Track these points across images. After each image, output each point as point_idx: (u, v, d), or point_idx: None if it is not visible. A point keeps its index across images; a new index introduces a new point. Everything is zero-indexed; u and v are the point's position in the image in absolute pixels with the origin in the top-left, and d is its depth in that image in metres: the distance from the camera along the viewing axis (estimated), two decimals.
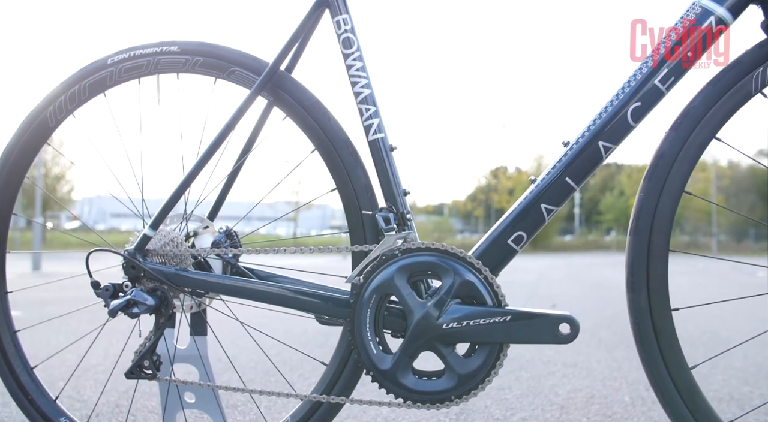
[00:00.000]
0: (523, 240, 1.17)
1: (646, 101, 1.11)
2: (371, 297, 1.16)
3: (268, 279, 1.32)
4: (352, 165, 1.24)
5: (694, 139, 1.10)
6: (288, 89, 1.28)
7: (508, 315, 1.11)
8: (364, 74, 1.24)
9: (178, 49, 1.31)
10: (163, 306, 1.24)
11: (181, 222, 1.33)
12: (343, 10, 1.26)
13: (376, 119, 1.23)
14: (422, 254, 1.15)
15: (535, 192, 1.16)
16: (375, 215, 1.20)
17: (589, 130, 1.14)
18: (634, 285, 1.12)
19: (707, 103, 1.10)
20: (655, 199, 1.11)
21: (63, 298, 5.31)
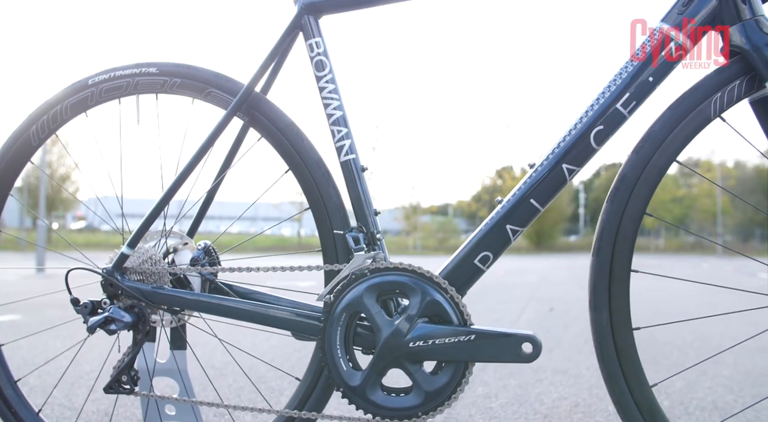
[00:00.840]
0: (489, 260, 1.20)
1: (609, 125, 1.14)
2: (341, 315, 1.19)
3: (246, 296, 1.35)
4: (325, 185, 1.27)
5: (654, 162, 1.13)
6: (262, 110, 1.31)
7: (473, 335, 1.14)
8: (336, 96, 1.27)
9: (156, 70, 1.35)
10: (141, 323, 1.27)
11: (160, 240, 1.36)
12: (316, 33, 1.29)
13: (347, 140, 1.26)
14: (390, 274, 1.18)
15: (500, 213, 1.19)
16: (345, 235, 1.23)
17: (553, 152, 1.16)
18: (596, 305, 1.15)
19: (667, 127, 1.12)
20: (617, 221, 1.14)
21: (65, 301, 5.34)
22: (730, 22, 1.10)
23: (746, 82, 1.10)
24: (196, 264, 1.36)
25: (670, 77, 1.14)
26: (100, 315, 1.25)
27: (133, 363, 1.29)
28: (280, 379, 2.54)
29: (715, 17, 1.11)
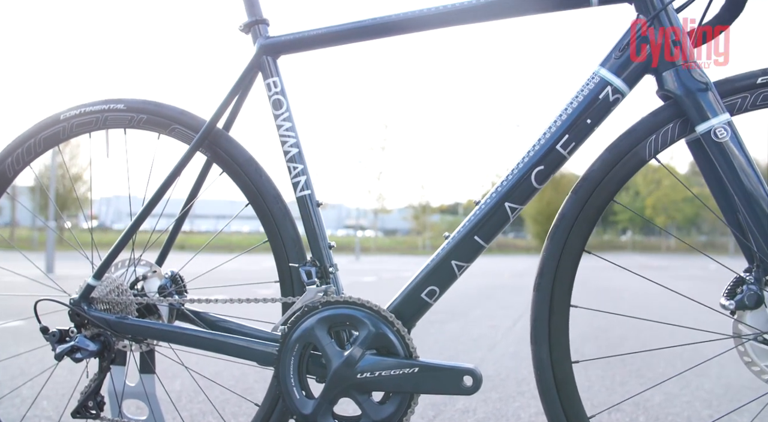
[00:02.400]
0: (436, 294, 1.24)
1: (549, 165, 1.18)
2: (294, 345, 1.24)
3: (211, 323, 1.40)
4: (281, 219, 1.32)
5: (592, 201, 1.17)
6: (223, 146, 1.36)
7: (416, 367, 1.19)
8: (293, 134, 1.32)
9: (124, 106, 1.40)
10: (106, 351, 1.33)
11: (127, 269, 1.41)
12: (274, 73, 1.34)
13: (303, 176, 1.31)
14: (340, 307, 1.23)
15: (446, 248, 1.23)
16: (299, 268, 1.28)
17: (496, 191, 1.21)
18: (536, 339, 1.19)
19: (604, 168, 1.16)
20: (557, 258, 1.18)
21: None
22: (663, 68, 1.14)
23: (679, 125, 1.14)
24: (164, 292, 1.42)
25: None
26: (67, 344, 1.31)
27: (99, 389, 1.35)
28: (246, 404, 2.56)
29: (649, 63, 1.15)
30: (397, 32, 1.27)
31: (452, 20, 1.24)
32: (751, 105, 1.12)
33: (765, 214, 1.08)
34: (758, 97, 1.12)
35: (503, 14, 1.23)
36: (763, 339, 1.14)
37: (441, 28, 1.26)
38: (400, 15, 1.26)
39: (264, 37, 1.35)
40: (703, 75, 1.12)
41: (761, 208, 1.08)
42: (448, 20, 1.25)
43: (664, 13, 1.14)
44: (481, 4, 1.22)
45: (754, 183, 1.08)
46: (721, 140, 1.09)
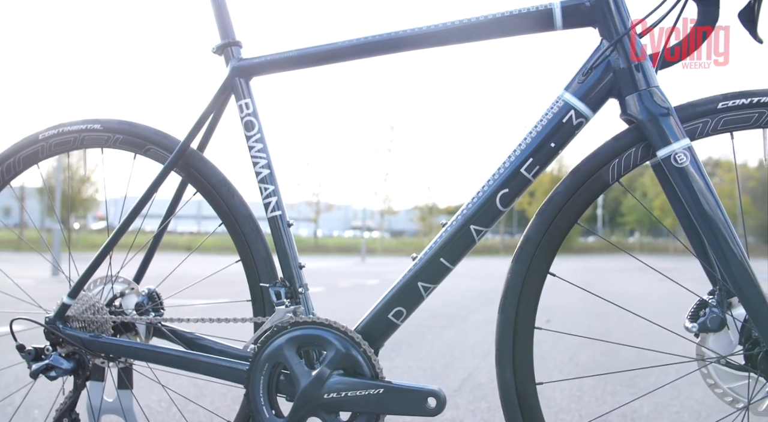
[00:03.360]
0: (403, 315, 1.25)
1: (514, 188, 1.19)
2: (264, 365, 1.26)
3: (189, 340, 1.42)
4: (253, 239, 1.34)
5: (557, 224, 1.18)
6: (197, 167, 1.38)
7: (382, 388, 1.20)
8: (264, 155, 1.33)
9: (100, 126, 1.42)
10: (81, 369, 1.35)
11: (104, 287, 1.44)
12: (246, 94, 1.35)
13: (274, 197, 1.33)
14: (308, 327, 1.25)
15: (413, 270, 1.24)
16: (269, 289, 1.30)
17: (462, 214, 1.22)
18: (501, 361, 1.20)
19: (568, 191, 1.17)
20: (521, 281, 1.19)
21: None
22: (626, 92, 1.14)
23: (642, 149, 1.15)
24: (141, 309, 1.44)
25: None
26: (42, 362, 1.33)
27: (74, 406, 1.37)
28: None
29: (613, 87, 1.16)
30: (366, 55, 1.29)
31: (422, 43, 1.26)
32: (712, 130, 1.13)
33: (724, 238, 1.08)
34: (719, 122, 1.13)
35: (471, 38, 1.24)
36: (726, 361, 1.14)
37: (410, 51, 1.28)
38: (368, 38, 1.27)
39: (236, 59, 1.36)
40: (665, 100, 1.13)
41: (720, 232, 1.09)
42: (418, 43, 1.26)
43: (626, 38, 1.15)
44: (448, 29, 1.23)
45: (713, 207, 1.09)
46: (681, 165, 1.09)
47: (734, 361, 1.14)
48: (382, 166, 38.49)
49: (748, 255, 1.09)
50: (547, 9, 1.18)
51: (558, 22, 1.19)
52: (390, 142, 37.38)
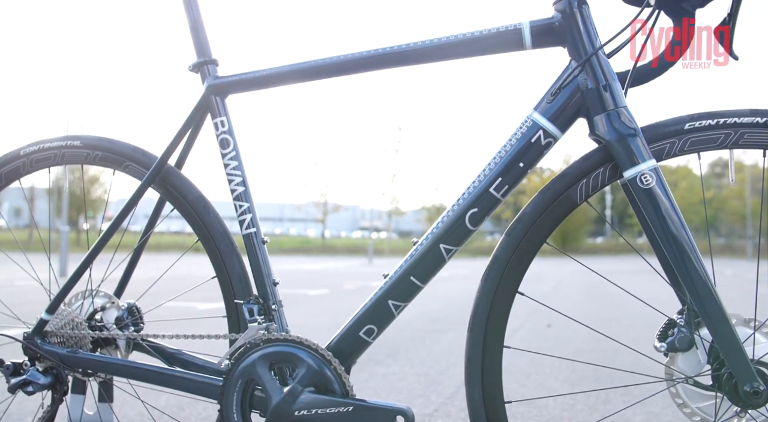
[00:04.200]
0: (374, 332, 1.26)
1: (483, 207, 1.20)
2: (237, 381, 1.27)
3: (169, 355, 1.43)
4: (228, 255, 1.35)
5: (525, 243, 1.18)
6: (174, 183, 1.39)
7: (351, 406, 1.21)
8: (239, 172, 1.35)
9: (80, 143, 1.44)
10: (59, 384, 1.37)
11: (83, 301, 1.45)
12: (222, 112, 1.37)
13: (248, 214, 1.34)
14: (280, 345, 1.26)
15: (384, 288, 1.25)
16: (242, 305, 1.31)
17: (432, 232, 1.23)
18: (470, 379, 1.21)
19: (537, 210, 1.18)
20: (490, 300, 1.19)
21: None
22: (594, 112, 1.15)
23: (609, 169, 1.15)
24: (121, 324, 1.45)
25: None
26: (20, 377, 1.35)
27: (52, 420, 1.39)
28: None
29: (581, 107, 1.16)
30: (336, 74, 1.30)
31: (393, 62, 1.27)
32: (679, 150, 1.13)
33: (689, 259, 1.09)
34: (686, 143, 1.13)
35: (442, 57, 1.24)
36: (694, 381, 1.15)
37: (383, 70, 1.28)
38: (339, 58, 1.28)
39: (212, 77, 1.37)
40: (632, 120, 1.13)
41: (685, 252, 1.09)
42: (389, 62, 1.27)
43: (595, 58, 1.15)
44: (419, 48, 1.24)
45: (678, 228, 1.09)
46: (647, 186, 1.10)
47: (701, 382, 1.15)
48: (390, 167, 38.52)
49: (715, 281, 1.10)
50: (517, 29, 1.19)
51: (527, 42, 1.19)
52: (398, 142, 37.42)
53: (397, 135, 40.24)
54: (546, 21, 1.18)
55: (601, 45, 1.16)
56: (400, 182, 41.60)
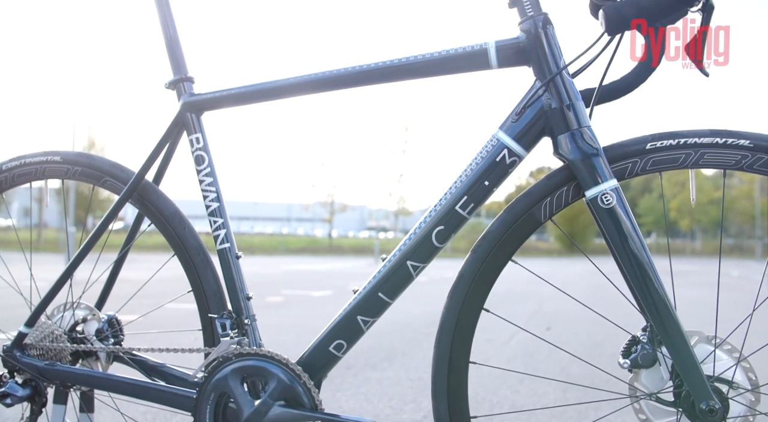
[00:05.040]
0: (343, 347, 1.28)
1: (449, 225, 1.21)
2: (210, 394, 1.29)
3: (149, 367, 1.46)
4: (203, 270, 1.38)
5: (490, 261, 1.20)
6: (151, 199, 1.42)
7: (319, 420, 1.23)
8: (213, 188, 1.37)
9: (60, 158, 1.47)
10: (37, 396, 1.40)
11: (63, 314, 1.48)
12: (197, 129, 1.39)
13: (223, 230, 1.36)
14: (251, 359, 1.28)
15: (353, 304, 1.27)
16: (215, 320, 1.33)
17: (400, 249, 1.25)
18: (436, 394, 1.23)
19: (502, 228, 1.19)
20: (455, 316, 1.21)
21: None
22: (558, 132, 1.16)
23: (573, 188, 1.17)
24: (101, 336, 1.48)
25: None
26: None
27: None
28: None
29: (545, 126, 1.18)
30: (306, 92, 1.32)
31: (363, 81, 1.28)
32: (641, 170, 1.15)
33: (648, 278, 1.10)
34: (648, 163, 1.14)
35: (411, 76, 1.26)
36: (657, 397, 1.16)
37: (356, 87, 1.30)
38: (309, 76, 1.30)
39: (188, 94, 1.40)
40: (594, 140, 1.14)
41: (645, 271, 1.10)
42: (360, 80, 1.29)
43: (559, 78, 1.16)
44: (388, 67, 1.25)
45: (638, 247, 1.11)
46: (608, 206, 1.11)
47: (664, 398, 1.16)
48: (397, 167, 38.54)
49: (675, 302, 1.11)
50: (483, 48, 1.21)
51: (493, 61, 1.21)
52: (404, 143, 37.47)
53: (404, 135, 40.19)
54: (511, 41, 1.20)
55: (565, 65, 1.17)
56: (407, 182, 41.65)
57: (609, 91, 1.21)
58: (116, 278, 1.57)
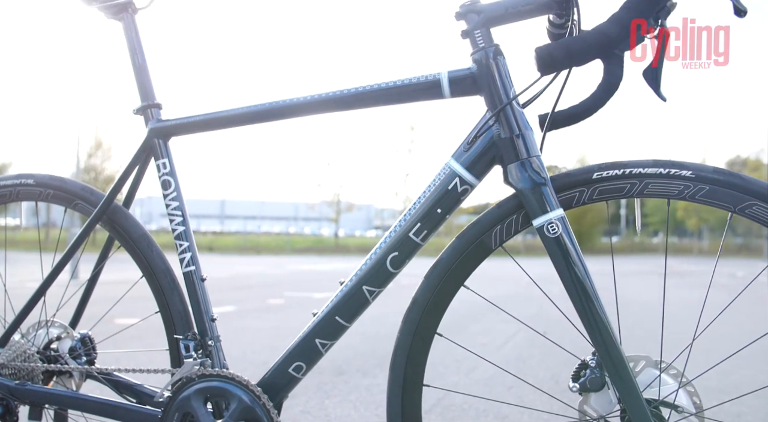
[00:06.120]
0: (303, 369, 1.31)
1: (403, 251, 1.24)
2: (174, 414, 1.33)
3: (122, 385, 1.50)
4: (170, 291, 1.41)
5: (443, 287, 1.23)
6: (120, 221, 1.45)
7: None
8: (179, 213, 1.40)
9: (33, 181, 1.51)
10: (8, 415, 1.44)
11: (36, 333, 1.52)
12: (164, 154, 1.42)
13: (188, 253, 1.39)
14: (213, 380, 1.31)
15: (311, 327, 1.30)
16: (180, 341, 1.37)
17: (356, 274, 1.28)
18: (391, 417, 1.26)
19: (454, 255, 1.22)
20: (409, 341, 1.24)
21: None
22: (508, 161, 1.19)
23: (522, 216, 1.20)
24: (74, 354, 1.52)
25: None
26: None
27: None
28: None
29: (496, 155, 1.20)
30: (266, 120, 1.35)
31: (320, 109, 1.31)
32: (588, 199, 1.17)
33: (592, 305, 1.13)
34: (594, 192, 1.16)
35: (367, 104, 1.29)
36: (605, 421, 1.18)
37: (312, 115, 1.33)
38: (269, 104, 1.33)
39: (155, 120, 1.43)
40: (543, 170, 1.17)
41: (589, 299, 1.13)
42: (319, 108, 1.31)
43: (509, 108, 1.19)
44: (344, 96, 1.28)
45: (582, 275, 1.13)
46: (553, 235, 1.14)
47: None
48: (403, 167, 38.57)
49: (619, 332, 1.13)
50: (436, 79, 1.23)
51: (446, 91, 1.23)
52: (410, 142, 37.46)
53: (410, 134, 40.21)
54: (463, 71, 1.22)
55: (515, 95, 1.19)
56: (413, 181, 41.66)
57: (568, 116, 1.23)
58: (90, 296, 1.61)
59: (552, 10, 1.17)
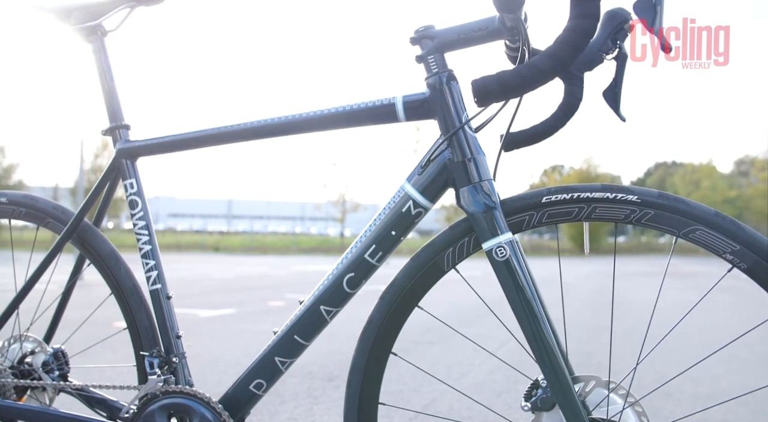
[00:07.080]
0: (263, 386, 1.34)
1: (359, 272, 1.27)
2: None
3: (94, 400, 1.53)
4: (137, 308, 1.44)
5: (397, 308, 1.25)
6: (89, 239, 1.49)
7: None
8: (146, 232, 1.43)
9: (6, 200, 1.54)
10: None
11: (9, 347, 1.55)
12: (131, 175, 1.45)
13: (155, 271, 1.43)
14: (176, 396, 1.34)
15: (271, 345, 1.33)
16: (145, 359, 1.40)
17: (314, 294, 1.30)
18: None
19: (408, 276, 1.25)
20: (365, 360, 1.27)
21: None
22: (460, 184, 1.21)
23: (474, 239, 1.22)
24: (47, 368, 1.55)
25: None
26: None
27: None
28: None
29: (448, 179, 1.23)
30: (229, 141, 1.38)
31: (282, 131, 1.34)
32: (537, 222, 1.19)
33: (539, 329, 1.15)
34: (544, 215, 1.19)
35: (325, 127, 1.32)
36: None
37: (272, 138, 1.36)
38: (234, 126, 1.36)
39: (123, 141, 1.46)
40: (493, 193, 1.19)
41: (537, 322, 1.15)
42: (279, 131, 1.34)
43: (461, 132, 1.21)
44: (303, 119, 1.31)
45: (530, 299, 1.15)
46: (502, 258, 1.16)
47: None
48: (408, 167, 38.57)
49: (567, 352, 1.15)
50: (391, 103, 1.26)
51: (401, 115, 1.26)
52: (416, 142, 37.45)
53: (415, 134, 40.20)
54: (417, 96, 1.25)
55: (467, 120, 1.22)
56: None
57: (529, 135, 1.26)
58: (63, 311, 1.64)
59: (504, 36, 1.20)
